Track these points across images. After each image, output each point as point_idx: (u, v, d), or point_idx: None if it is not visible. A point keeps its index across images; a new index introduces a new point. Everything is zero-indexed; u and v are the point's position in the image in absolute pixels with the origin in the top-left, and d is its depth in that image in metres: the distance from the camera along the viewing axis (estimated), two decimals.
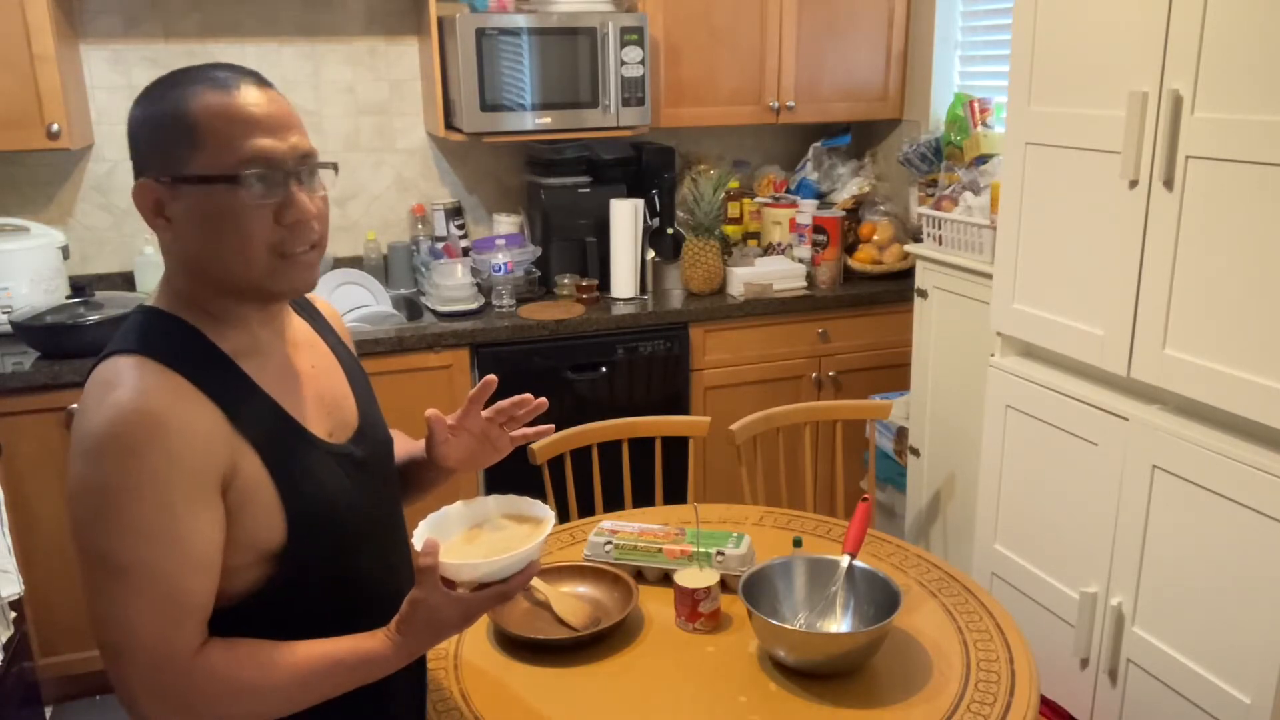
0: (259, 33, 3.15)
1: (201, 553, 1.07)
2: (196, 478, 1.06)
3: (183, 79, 1.10)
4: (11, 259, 2.79)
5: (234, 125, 1.07)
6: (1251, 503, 1.69)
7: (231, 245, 1.09)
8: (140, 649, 1.05)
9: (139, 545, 1.04)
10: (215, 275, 1.12)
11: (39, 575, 2.68)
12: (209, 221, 1.09)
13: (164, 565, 1.05)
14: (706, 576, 1.64)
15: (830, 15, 3.35)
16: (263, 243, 1.10)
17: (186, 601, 1.07)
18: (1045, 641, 2.20)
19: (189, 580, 1.07)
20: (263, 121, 1.09)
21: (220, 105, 1.08)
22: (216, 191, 1.08)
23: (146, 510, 1.03)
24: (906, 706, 1.44)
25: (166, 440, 1.04)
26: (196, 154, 1.07)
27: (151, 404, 1.04)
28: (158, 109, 1.09)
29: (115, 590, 1.05)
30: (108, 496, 1.03)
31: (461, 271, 3.10)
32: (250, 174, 1.07)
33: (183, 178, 1.08)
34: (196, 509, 1.06)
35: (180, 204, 1.09)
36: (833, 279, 3.32)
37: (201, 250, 1.11)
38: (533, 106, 3.02)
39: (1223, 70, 1.68)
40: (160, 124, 1.09)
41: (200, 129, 1.07)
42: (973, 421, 2.69)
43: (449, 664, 1.56)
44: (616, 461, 2.74)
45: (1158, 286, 1.85)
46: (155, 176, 1.09)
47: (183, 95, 1.08)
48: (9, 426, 2.57)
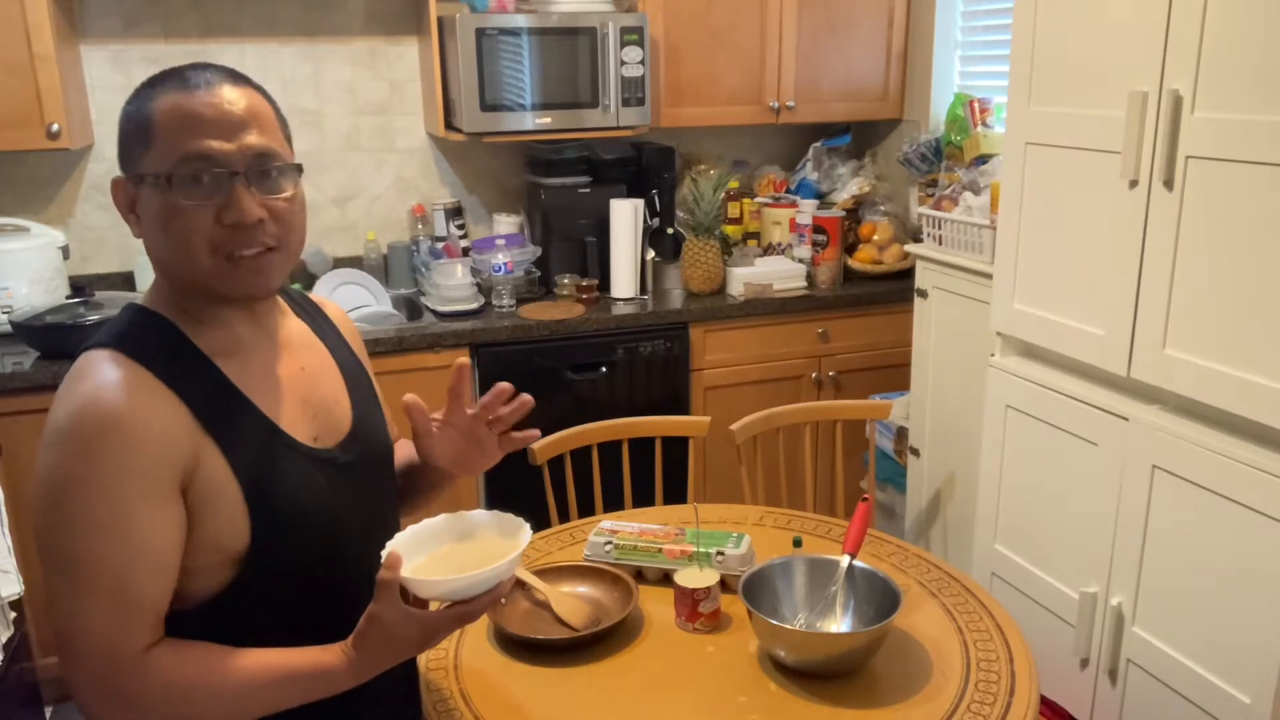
0: (259, 33, 3.15)
1: (154, 549, 1.06)
2: (152, 473, 1.05)
3: (160, 79, 1.11)
4: (11, 259, 2.79)
5: (181, 125, 1.07)
6: (1251, 503, 1.69)
7: (174, 244, 1.10)
8: (88, 646, 1.04)
9: (89, 539, 1.03)
10: (174, 274, 1.13)
11: (39, 575, 2.66)
12: (157, 220, 1.10)
13: (114, 560, 1.04)
14: (706, 576, 1.64)
15: (830, 15, 3.35)
16: (203, 243, 1.09)
17: (136, 598, 1.06)
18: (1045, 641, 2.20)
19: (139, 576, 1.05)
20: (211, 121, 1.08)
21: (174, 104, 1.08)
22: (161, 190, 1.08)
23: (98, 504, 1.03)
24: (906, 706, 1.44)
25: (122, 433, 1.03)
26: (148, 153, 1.09)
27: (110, 397, 1.04)
28: (131, 108, 1.11)
29: (66, 585, 1.04)
30: (62, 488, 1.03)
31: (461, 271, 3.10)
32: (184, 173, 1.07)
33: (138, 176, 1.10)
34: (150, 505, 1.05)
35: (142, 203, 1.11)
36: (833, 279, 3.32)
37: (159, 249, 1.13)
38: (533, 106, 3.02)
39: (1223, 70, 1.68)
40: (128, 123, 1.11)
41: (154, 128, 1.08)
42: (973, 421, 2.69)
43: (448, 664, 1.56)
44: (616, 461, 2.74)
45: (1158, 286, 1.85)
46: (126, 175, 1.12)
47: (150, 94, 1.10)
48: (9, 426, 2.57)
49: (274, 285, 1.16)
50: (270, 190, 1.12)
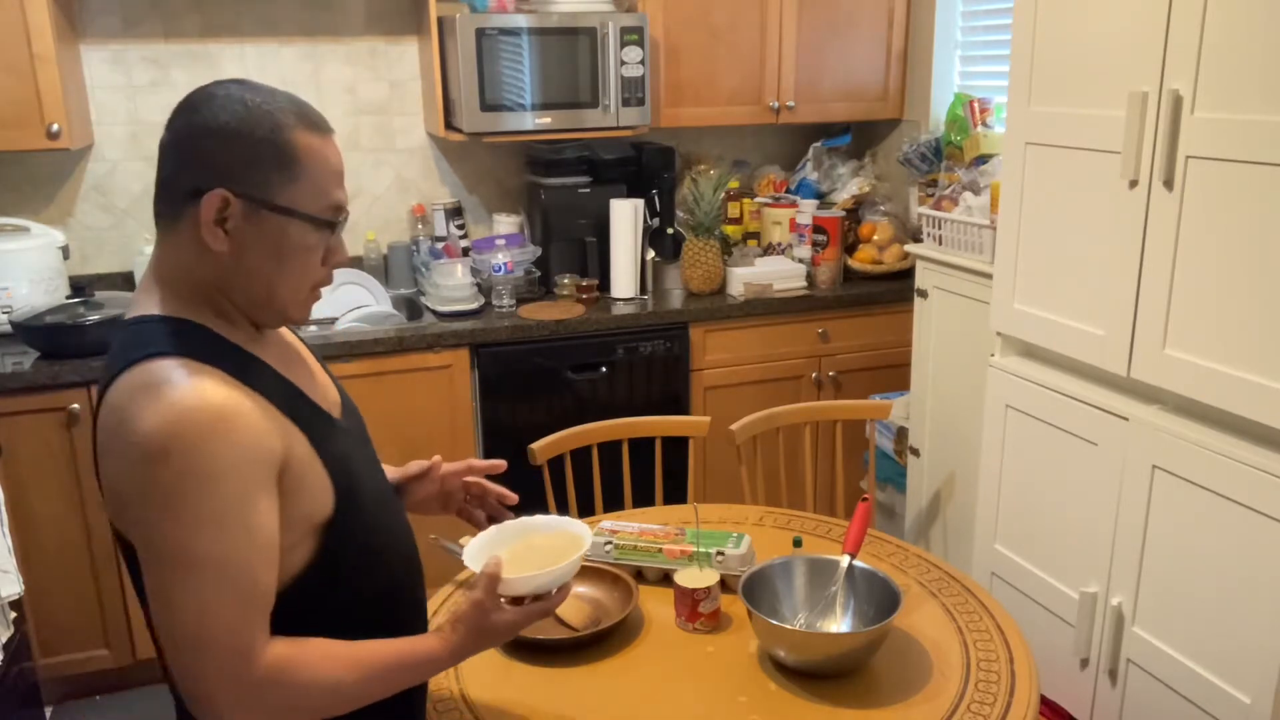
0: (259, 33, 3.15)
1: (268, 541, 1.10)
2: (261, 467, 1.08)
3: (268, 101, 1.12)
4: (11, 259, 2.79)
5: (328, 172, 1.15)
6: (1251, 503, 1.69)
7: (290, 276, 1.15)
8: (218, 642, 1.06)
9: (215, 537, 1.05)
10: (252, 294, 1.16)
11: (39, 575, 2.68)
12: (281, 252, 1.13)
13: (239, 557, 1.06)
14: (706, 576, 1.64)
15: (830, 15, 3.35)
16: (311, 280, 1.18)
17: (259, 593, 1.09)
18: (1045, 641, 2.20)
19: (260, 571, 1.09)
20: (341, 175, 1.18)
21: (320, 149, 1.14)
22: (298, 226, 1.13)
23: (221, 502, 1.05)
24: (906, 706, 1.44)
25: (233, 432, 1.06)
26: (292, 187, 1.12)
27: (212, 398, 1.06)
28: (248, 126, 1.10)
29: (191, 584, 1.05)
30: (180, 492, 1.03)
31: (461, 271, 3.10)
32: (333, 222, 1.16)
33: (271, 204, 1.11)
34: (262, 497, 1.08)
35: (252, 225, 1.11)
36: (833, 279, 3.32)
37: (254, 271, 1.14)
38: (533, 106, 3.02)
39: (1223, 70, 1.68)
40: (254, 143, 1.10)
41: (301, 164, 1.12)
42: (973, 421, 2.69)
43: None
44: (616, 461, 2.74)
45: (1158, 286, 1.85)
46: (234, 190, 1.10)
47: (280, 124, 1.11)
48: (9, 426, 2.57)
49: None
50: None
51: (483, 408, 2.99)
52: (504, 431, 3.00)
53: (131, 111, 3.09)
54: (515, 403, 3.01)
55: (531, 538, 1.42)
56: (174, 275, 1.15)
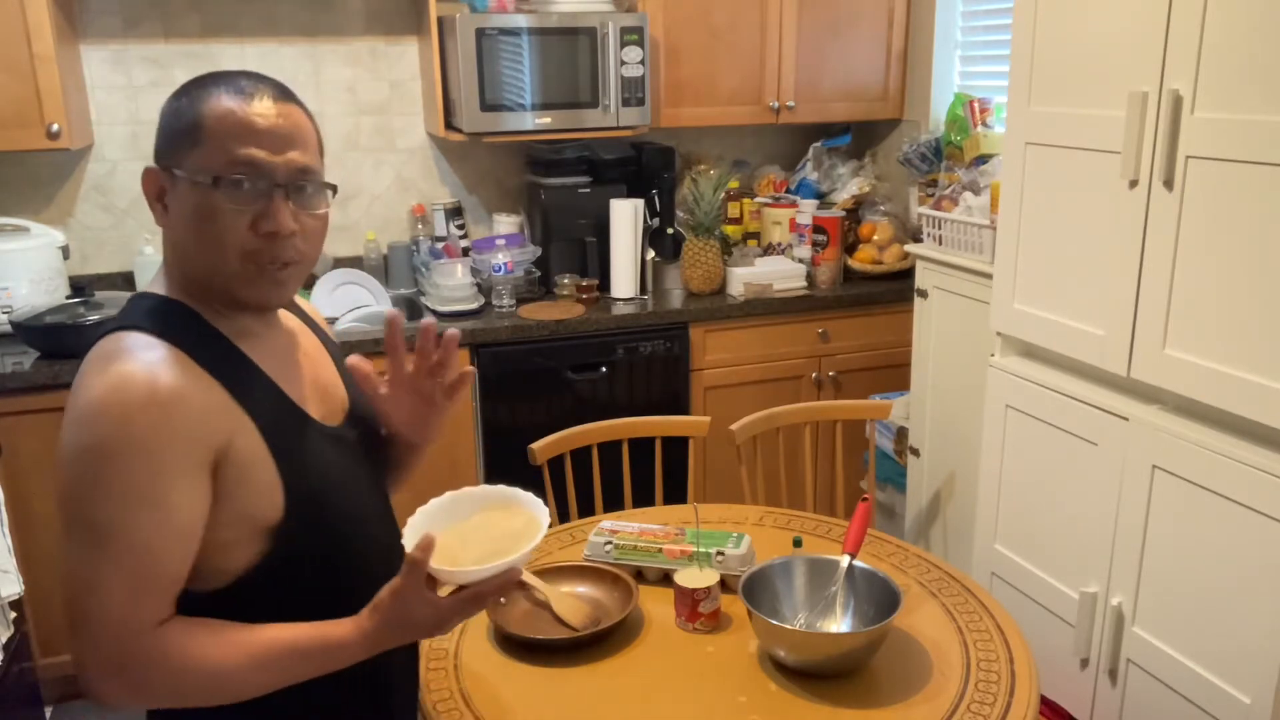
0: (259, 33, 3.15)
1: (183, 523, 1.07)
2: (189, 447, 1.06)
3: (211, 80, 1.13)
4: (11, 259, 2.79)
5: (233, 131, 1.10)
6: (1251, 503, 1.69)
7: (207, 244, 1.12)
8: (104, 616, 1.04)
9: (124, 509, 1.04)
10: (196, 269, 1.15)
11: (39, 575, 2.68)
12: (193, 217, 1.12)
13: (145, 531, 1.04)
14: (706, 576, 1.64)
15: (830, 15, 3.35)
16: (236, 248, 1.11)
17: (161, 571, 1.06)
18: (1045, 641, 2.20)
19: (167, 548, 1.06)
20: (262, 132, 1.11)
21: (226, 110, 1.11)
22: (201, 190, 1.10)
23: (136, 474, 1.03)
24: (906, 706, 1.44)
25: (163, 407, 1.04)
26: (195, 151, 1.11)
27: (151, 372, 1.05)
28: (179, 103, 1.13)
29: (93, 555, 1.04)
30: (99, 458, 1.03)
31: (461, 271, 3.10)
32: (231, 178, 1.10)
33: (179, 172, 1.12)
34: (185, 479, 1.06)
35: (175, 196, 1.13)
36: (833, 279, 3.32)
37: (185, 243, 1.14)
38: (533, 106, 3.02)
39: (1223, 70, 1.68)
40: (175, 117, 1.13)
41: (204, 129, 1.10)
42: (973, 421, 2.69)
43: (449, 664, 1.56)
44: (616, 461, 2.74)
45: (1158, 286, 1.85)
46: (161, 165, 1.14)
47: (202, 95, 1.12)
48: (9, 426, 2.57)
49: (289, 298, 1.19)
50: (305, 205, 1.15)
51: (483, 408, 2.98)
52: (504, 431, 3.00)
53: (131, 111, 3.09)
54: (515, 403, 3.01)
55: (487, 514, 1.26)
56: (167, 257, 1.19)
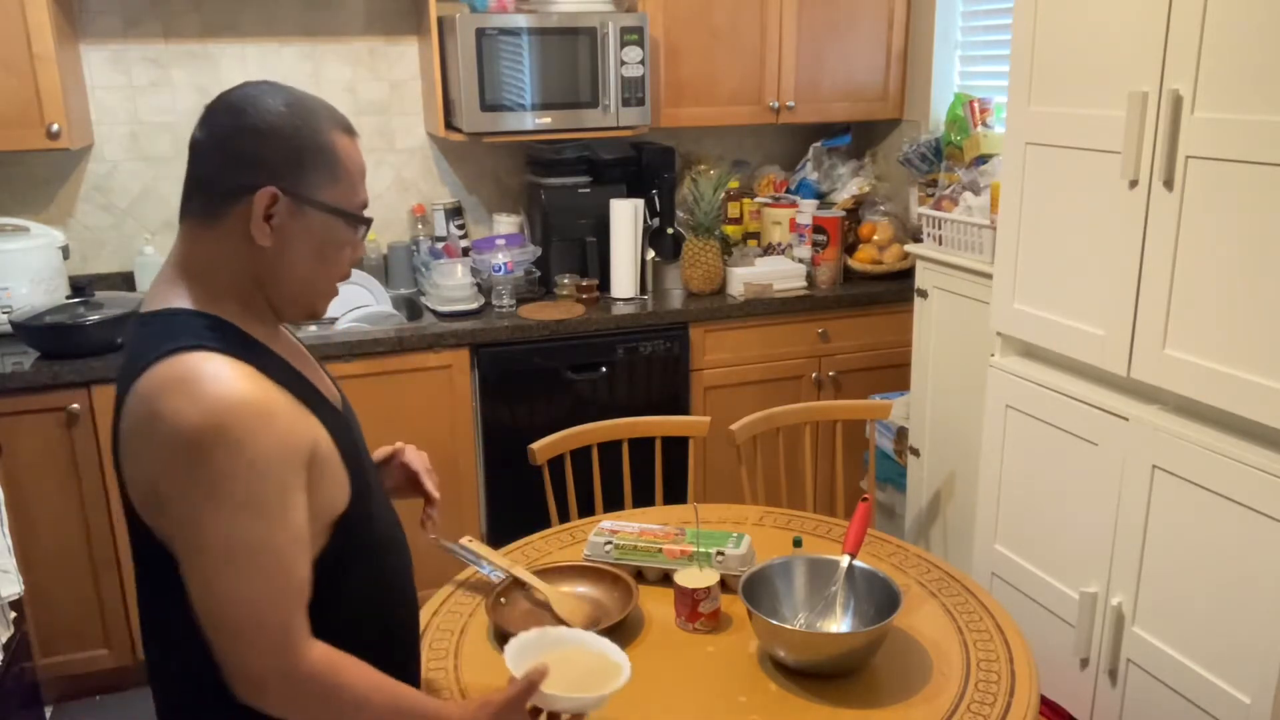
0: (259, 33, 3.15)
1: (302, 533, 1.13)
2: (296, 460, 1.12)
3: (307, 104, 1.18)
4: (11, 259, 2.79)
5: (359, 173, 1.21)
6: (1251, 503, 1.69)
7: (326, 270, 1.21)
8: (266, 627, 1.09)
9: (259, 527, 1.08)
10: (288, 288, 1.20)
11: (39, 575, 2.68)
12: (320, 247, 1.19)
13: (280, 546, 1.10)
14: (706, 577, 1.64)
15: (830, 15, 3.35)
16: (340, 274, 1.24)
17: (298, 579, 1.13)
18: (1045, 641, 2.20)
19: (299, 559, 1.13)
20: (364, 174, 1.23)
21: (351, 149, 1.20)
22: (337, 223, 1.19)
23: (264, 493, 1.08)
24: (906, 706, 1.44)
25: (272, 424, 1.09)
26: (333, 186, 1.18)
27: (250, 391, 1.09)
28: (293, 127, 1.15)
29: (237, 573, 1.08)
30: (225, 483, 1.06)
31: (461, 271, 3.10)
32: (364, 219, 1.22)
33: (315, 202, 1.17)
34: (298, 488, 1.13)
35: (297, 221, 1.17)
36: (833, 279, 3.32)
37: (294, 266, 1.19)
38: (533, 106, 3.02)
39: (1223, 70, 1.68)
40: (301, 145, 1.15)
41: (341, 166, 1.18)
42: (973, 421, 2.69)
43: (449, 664, 1.56)
44: (616, 461, 2.74)
45: (1158, 286, 1.85)
46: (282, 188, 1.15)
47: (321, 126, 1.17)
48: (9, 426, 2.57)
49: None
50: None
51: (483, 408, 2.99)
52: (504, 431, 3.00)
53: (131, 111, 3.09)
54: (515, 403, 3.01)
55: (572, 651, 1.38)
56: (205, 270, 1.18)
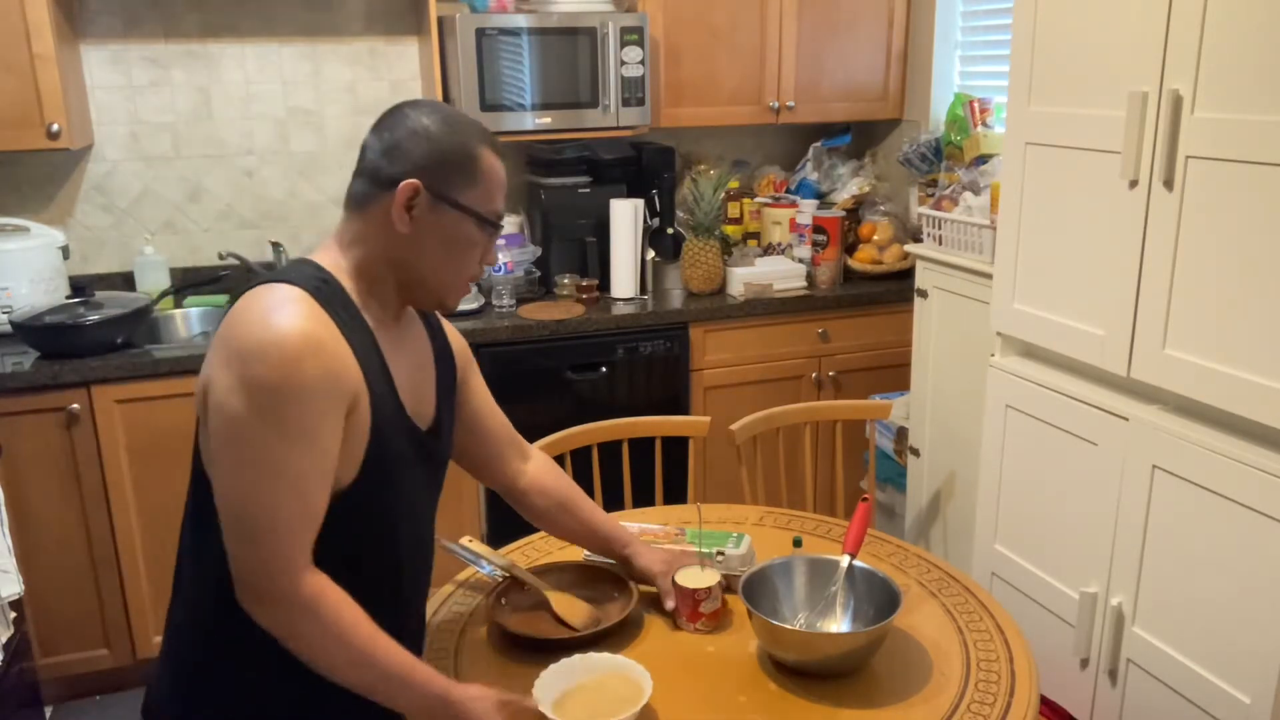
0: (259, 33, 3.15)
1: (329, 461, 1.22)
2: (339, 393, 1.22)
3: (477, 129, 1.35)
4: (11, 259, 2.79)
5: (497, 186, 1.35)
6: (1251, 503, 1.69)
7: (453, 263, 1.34)
8: (275, 539, 1.19)
9: (288, 444, 1.18)
10: (417, 273, 1.34)
11: (39, 575, 2.68)
12: (450, 241, 1.32)
13: (303, 469, 1.20)
14: (707, 577, 1.63)
15: (830, 15, 3.35)
16: (468, 272, 1.36)
17: (314, 508, 1.22)
18: (1045, 641, 2.20)
19: (317, 488, 1.22)
20: (505, 191, 1.38)
21: (496, 166, 1.35)
22: (469, 223, 1.32)
23: (303, 414, 1.18)
24: (906, 706, 1.44)
25: (324, 354, 1.20)
26: (471, 190, 1.32)
27: (313, 326, 1.20)
28: (452, 138, 1.31)
29: (255, 478, 1.18)
30: (268, 396, 1.17)
31: None
32: (495, 225, 1.36)
33: (452, 200, 1.31)
34: (333, 421, 1.22)
35: (434, 215, 1.31)
36: (833, 279, 3.32)
37: (425, 255, 1.32)
38: (533, 106, 3.02)
39: (1223, 70, 1.68)
40: (452, 151, 1.31)
41: (481, 175, 1.33)
42: (973, 421, 2.69)
43: (449, 664, 1.56)
44: (616, 461, 2.74)
45: (1158, 286, 1.85)
46: (425, 183, 1.29)
47: (474, 141, 1.33)
48: (9, 426, 2.57)
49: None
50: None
51: None
52: None
53: (131, 111, 3.09)
54: (515, 403, 3.01)
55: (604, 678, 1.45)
56: (351, 243, 1.33)
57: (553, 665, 1.44)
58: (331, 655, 1.23)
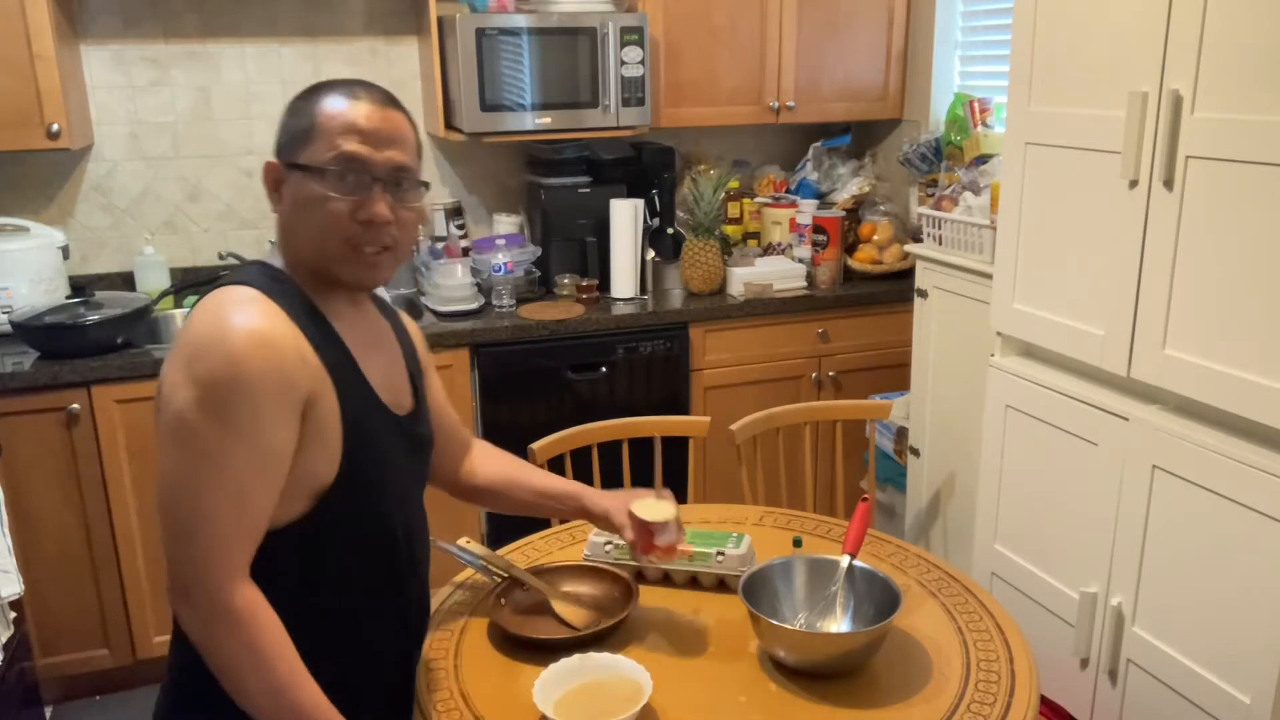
0: (259, 33, 3.15)
1: (274, 461, 1.19)
2: (287, 391, 1.18)
3: (329, 85, 1.28)
4: (11, 259, 2.79)
5: (339, 128, 1.24)
6: (1251, 503, 1.69)
7: (313, 228, 1.26)
8: (204, 540, 1.15)
9: (225, 439, 1.15)
10: (303, 252, 1.29)
11: (39, 575, 2.68)
12: (301, 205, 1.26)
13: (240, 466, 1.16)
14: (664, 509, 1.59)
15: (830, 15, 3.35)
16: (337, 233, 1.25)
17: (253, 511, 1.18)
18: (1045, 641, 2.20)
19: (259, 490, 1.18)
20: (365, 131, 1.24)
21: (336, 110, 1.25)
22: (308, 180, 1.24)
23: (242, 411, 1.15)
24: (906, 706, 1.44)
25: (267, 353, 1.16)
26: (308, 147, 1.25)
27: (259, 320, 1.18)
28: (298, 103, 1.28)
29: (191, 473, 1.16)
30: (210, 391, 1.15)
31: (461, 271, 3.10)
32: (336, 170, 1.23)
33: (291, 164, 1.26)
34: (280, 420, 1.18)
35: (289, 186, 1.27)
36: (833, 279, 3.32)
37: (295, 228, 1.28)
38: (533, 106, 3.02)
39: (1223, 70, 1.68)
40: (294, 117, 1.27)
41: (316, 127, 1.25)
42: (973, 421, 2.69)
43: (449, 664, 1.56)
44: (616, 461, 2.74)
45: (1158, 286, 1.85)
46: (279, 159, 1.28)
47: (318, 96, 1.26)
48: (9, 426, 2.57)
49: (383, 280, 1.32)
50: (401, 199, 1.28)
51: (483, 408, 2.99)
52: (504, 431, 3.00)
53: (131, 112, 3.09)
54: (515, 403, 3.01)
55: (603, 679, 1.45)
56: (279, 241, 1.33)
57: (553, 665, 1.44)
58: (244, 677, 1.18)
